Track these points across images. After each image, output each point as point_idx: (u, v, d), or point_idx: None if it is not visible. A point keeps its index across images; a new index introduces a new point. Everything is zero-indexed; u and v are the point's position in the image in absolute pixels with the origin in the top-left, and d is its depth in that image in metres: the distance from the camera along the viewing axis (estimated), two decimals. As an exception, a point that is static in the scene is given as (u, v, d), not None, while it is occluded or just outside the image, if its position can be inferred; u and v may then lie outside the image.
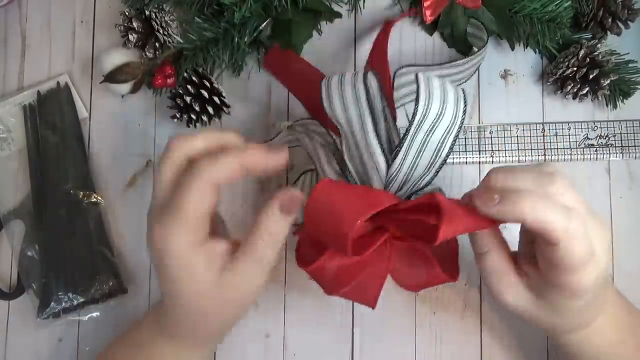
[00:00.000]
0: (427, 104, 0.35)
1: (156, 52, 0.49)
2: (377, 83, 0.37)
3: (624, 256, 0.50)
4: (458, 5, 0.49)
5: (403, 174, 0.37)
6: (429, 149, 0.37)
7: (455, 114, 0.36)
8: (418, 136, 0.36)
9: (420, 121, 0.35)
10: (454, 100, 0.36)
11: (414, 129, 0.35)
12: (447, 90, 0.36)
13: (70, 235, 0.50)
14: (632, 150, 0.50)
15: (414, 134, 0.36)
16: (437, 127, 0.36)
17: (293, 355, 0.50)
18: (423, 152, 0.37)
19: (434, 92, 0.36)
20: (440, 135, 0.36)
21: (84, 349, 0.50)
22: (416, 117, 0.35)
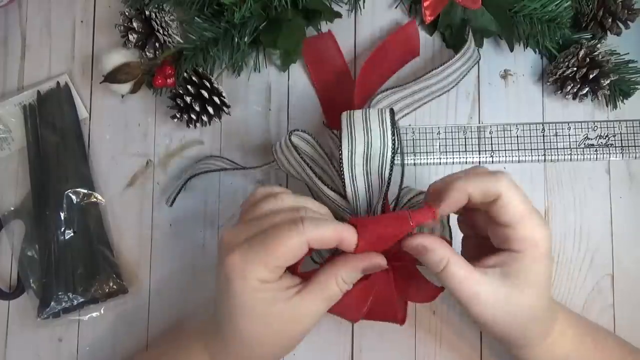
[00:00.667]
0: (350, 143, 0.41)
1: (156, 52, 0.49)
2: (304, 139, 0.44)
3: (624, 256, 0.50)
4: (458, 6, 0.49)
5: (363, 198, 0.41)
6: (373, 172, 0.41)
7: (383, 138, 0.41)
8: (356, 169, 0.41)
9: (349, 157, 0.41)
10: (378, 126, 0.41)
11: (346, 165, 0.41)
12: (370, 120, 0.41)
13: (70, 235, 0.50)
14: (632, 150, 0.50)
15: (350, 168, 0.41)
16: (371, 154, 0.41)
17: (293, 355, 0.50)
18: (370, 175, 0.41)
19: (356, 128, 0.41)
20: (377, 159, 0.41)
21: (84, 348, 0.50)
22: (343, 156, 0.41)
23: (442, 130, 0.51)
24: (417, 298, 0.44)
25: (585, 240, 0.50)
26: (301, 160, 0.43)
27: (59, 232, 0.50)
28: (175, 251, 0.51)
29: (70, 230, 0.50)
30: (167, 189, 0.52)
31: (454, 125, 0.51)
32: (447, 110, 0.52)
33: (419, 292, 0.43)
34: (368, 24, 0.53)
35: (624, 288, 0.49)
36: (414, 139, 0.51)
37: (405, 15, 0.53)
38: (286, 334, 0.36)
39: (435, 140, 0.51)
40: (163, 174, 0.52)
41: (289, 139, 0.43)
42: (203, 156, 0.52)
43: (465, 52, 0.48)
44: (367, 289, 0.40)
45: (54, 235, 0.50)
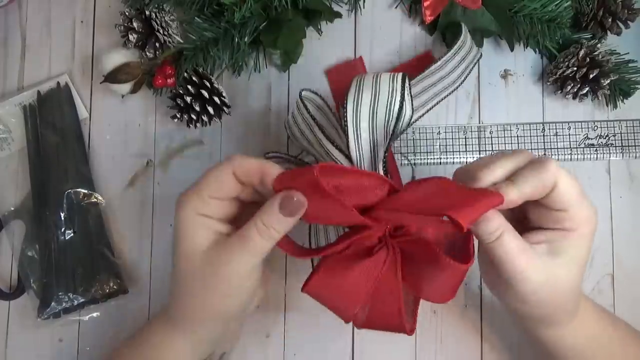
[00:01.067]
0: (356, 95, 0.39)
1: (156, 52, 0.49)
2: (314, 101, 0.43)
3: (624, 256, 0.50)
4: (458, 6, 0.49)
5: (368, 157, 0.39)
6: (379, 127, 0.39)
7: (391, 92, 0.39)
8: (362, 124, 0.38)
9: (354, 110, 0.38)
10: (387, 85, 0.39)
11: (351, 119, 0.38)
12: (380, 79, 0.40)
13: (70, 235, 0.50)
14: (632, 150, 0.50)
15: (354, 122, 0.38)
16: (378, 107, 0.38)
17: (293, 355, 0.50)
18: (376, 130, 0.39)
19: (365, 84, 0.39)
20: (383, 112, 0.39)
21: (84, 349, 0.50)
22: (347, 109, 0.38)
23: (443, 130, 0.51)
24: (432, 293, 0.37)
25: (585, 240, 0.50)
26: (310, 119, 0.42)
27: (59, 232, 0.50)
28: (176, 251, 0.51)
29: (70, 230, 0.50)
30: (167, 188, 0.52)
31: (454, 125, 0.51)
32: (447, 110, 0.52)
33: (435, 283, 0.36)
34: (368, 24, 0.53)
35: (624, 288, 0.50)
36: (414, 139, 0.51)
37: (405, 15, 0.53)
38: (211, 284, 0.36)
39: (436, 140, 0.51)
40: (163, 174, 0.52)
41: (299, 97, 0.42)
42: (203, 156, 0.52)
43: (461, 47, 0.47)
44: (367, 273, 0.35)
45: (54, 235, 0.50)
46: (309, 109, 0.42)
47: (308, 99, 0.43)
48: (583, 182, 0.50)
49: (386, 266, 0.36)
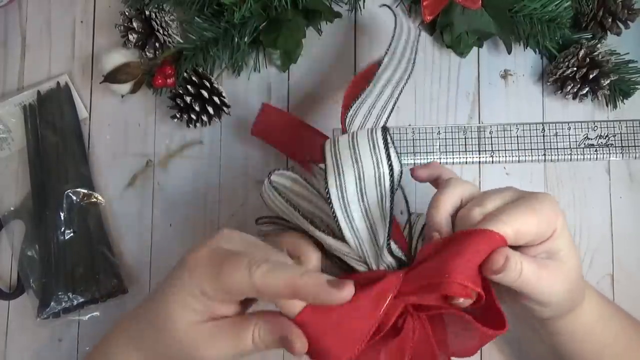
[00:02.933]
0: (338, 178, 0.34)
1: (156, 52, 0.49)
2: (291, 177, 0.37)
3: (624, 256, 0.50)
4: (457, 5, 0.49)
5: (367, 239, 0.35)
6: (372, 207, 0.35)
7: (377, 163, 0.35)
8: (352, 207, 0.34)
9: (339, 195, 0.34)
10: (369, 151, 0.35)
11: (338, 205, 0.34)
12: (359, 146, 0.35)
13: (70, 235, 0.50)
14: (632, 150, 0.50)
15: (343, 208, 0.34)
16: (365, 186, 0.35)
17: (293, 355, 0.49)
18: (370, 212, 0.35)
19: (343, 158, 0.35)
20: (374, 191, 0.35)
21: (84, 349, 0.50)
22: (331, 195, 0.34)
23: (442, 130, 0.51)
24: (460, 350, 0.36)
25: (585, 240, 0.50)
26: (287, 205, 0.37)
27: (59, 232, 0.50)
28: (175, 251, 0.51)
29: (70, 230, 0.50)
30: (167, 188, 0.52)
31: (454, 125, 0.51)
32: (447, 110, 0.52)
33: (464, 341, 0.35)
34: (368, 24, 0.53)
35: (624, 288, 0.49)
36: (414, 139, 0.51)
37: (405, 15, 0.52)
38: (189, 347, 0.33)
39: (435, 140, 0.51)
40: (163, 174, 0.52)
41: (268, 181, 0.38)
42: (203, 156, 0.52)
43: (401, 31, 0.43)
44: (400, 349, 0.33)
45: (54, 235, 0.50)
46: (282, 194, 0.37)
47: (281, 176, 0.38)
48: (583, 182, 0.50)
49: (416, 337, 0.34)
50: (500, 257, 0.32)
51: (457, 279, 0.29)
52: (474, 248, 0.31)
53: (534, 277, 0.34)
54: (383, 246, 0.33)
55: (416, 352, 0.34)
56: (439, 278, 0.30)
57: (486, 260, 0.31)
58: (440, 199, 0.35)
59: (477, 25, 0.49)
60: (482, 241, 0.31)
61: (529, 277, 0.34)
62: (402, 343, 0.33)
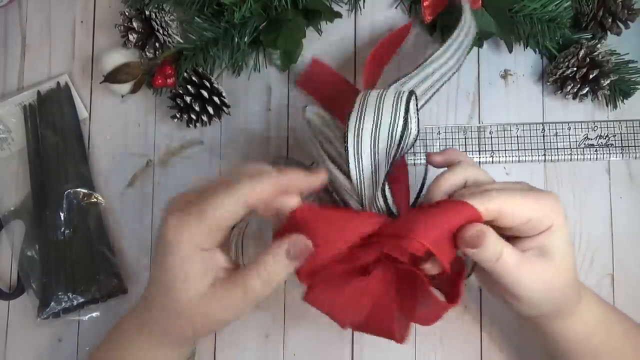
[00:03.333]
0: (358, 120, 0.37)
1: (156, 52, 0.49)
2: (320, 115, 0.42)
3: (624, 256, 0.50)
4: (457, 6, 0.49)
5: (369, 181, 0.38)
6: (381, 152, 0.38)
7: (394, 116, 0.37)
8: (363, 149, 0.37)
9: (355, 135, 0.37)
10: (391, 105, 0.38)
11: (352, 144, 0.37)
12: (385, 99, 0.38)
13: (70, 235, 0.50)
14: (632, 150, 0.50)
15: (355, 148, 0.37)
16: (380, 133, 0.37)
17: (293, 356, 0.50)
18: (378, 156, 0.38)
19: (368, 105, 0.38)
20: (385, 138, 0.38)
21: (84, 349, 0.50)
22: (348, 134, 0.37)
23: (442, 130, 0.51)
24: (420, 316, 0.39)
25: (585, 240, 0.50)
26: (313, 138, 0.41)
27: (59, 232, 0.50)
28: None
29: (70, 230, 0.50)
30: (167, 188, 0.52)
31: (454, 125, 0.51)
32: (447, 110, 0.52)
33: (424, 308, 0.38)
34: (368, 24, 0.53)
35: (624, 288, 0.49)
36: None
37: (405, 15, 0.53)
38: (201, 316, 0.34)
39: (436, 140, 0.51)
40: (163, 174, 0.52)
41: (303, 115, 0.42)
42: (203, 156, 0.52)
43: (463, 26, 0.46)
44: (364, 289, 0.36)
45: (54, 235, 0.50)
46: (312, 126, 0.41)
47: (314, 114, 0.43)
48: (583, 182, 0.50)
49: (381, 284, 0.36)
50: (472, 229, 0.33)
51: (417, 237, 0.31)
52: (445, 215, 0.33)
53: (514, 267, 0.34)
54: (379, 187, 0.37)
55: (378, 299, 0.36)
56: (404, 232, 0.33)
57: (459, 231, 0.33)
58: (443, 177, 0.36)
59: (477, 25, 0.49)
60: (455, 211, 0.33)
61: (508, 265, 0.34)
62: (367, 284, 0.35)
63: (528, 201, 0.34)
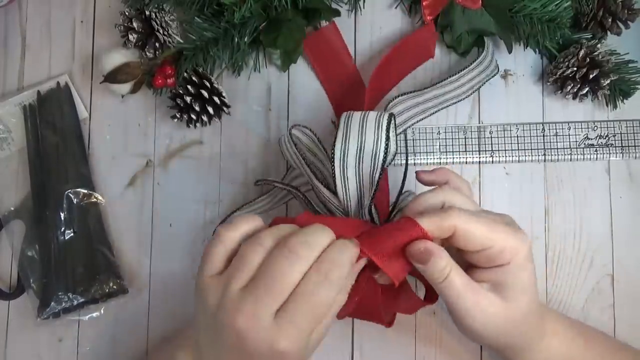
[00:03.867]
0: (344, 142, 0.40)
1: (156, 52, 0.49)
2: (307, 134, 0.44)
3: (624, 256, 0.50)
4: (457, 5, 0.49)
5: (354, 198, 0.41)
6: (365, 174, 0.40)
7: (377, 140, 0.40)
8: (349, 170, 0.40)
9: (341, 157, 0.40)
10: (374, 129, 0.40)
11: (338, 164, 0.40)
12: (367, 122, 0.41)
13: (70, 235, 0.50)
14: (632, 150, 0.50)
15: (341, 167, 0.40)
16: (364, 156, 0.40)
17: (293, 355, 0.50)
18: (362, 176, 0.40)
19: (352, 128, 0.41)
20: (369, 161, 0.40)
21: (84, 349, 0.50)
22: (335, 155, 0.40)
23: (442, 130, 0.51)
24: (402, 308, 0.44)
25: (585, 240, 0.50)
26: (299, 155, 0.44)
27: (59, 232, 0.50)
28: (175, 251, 0.51)
29: (70, 230, 0.50)
30: (167, 188, 0.52)
31: (454, 125, 0.51)
32: (447, 110, 0.51)
33: (404, 303, 0.43)
34: (368, 24, 0.53)
35: (624, 288, 0.49)
36: (414, 139, 0.51)
37: (405, 15, 0.53)
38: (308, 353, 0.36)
39: (435, 140, 0.51)
40: (163, 174, 0.52)
41: (289, 134, 0.44)
42: (203, 156, 0.52)
43: (482, 61, 0.48)
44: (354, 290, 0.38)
45: (54, 235, 0.50)
46: (297, 144, 0.44)
47: (300, 132, 0.44)
48: (583, 182, 0.50)
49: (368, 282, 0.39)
50: (418, 245, 0.34)
51: (368, 251, 0.35)
52: (397, 231, 0.36)
53: (461, 291, 0.35)
54: (365, 206, 0.40)
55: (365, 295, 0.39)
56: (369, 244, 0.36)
57: (408, 246, 0.35)
58: (422, 196, 0.37)
59: (477, 25, 0.49)
60: (405, 228, 0.35)
61: (454, 288, 0.35)
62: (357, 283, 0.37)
63: (486, 229, 0.35)
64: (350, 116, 0.41)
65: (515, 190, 0.51)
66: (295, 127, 0.44)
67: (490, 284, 0.36)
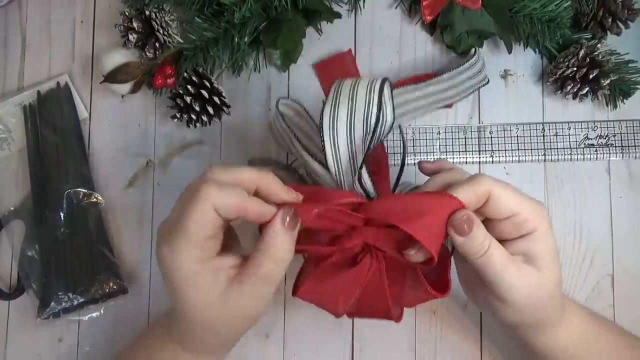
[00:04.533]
0: (333, 108, 0.37)
1: (156, 52, 0.49)
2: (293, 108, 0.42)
3: (624, 256, 0.50)
4: (457, 5, 0.49)
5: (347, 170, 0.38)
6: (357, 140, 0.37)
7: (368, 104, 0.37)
8: (339, 138, 0.37)
9: (330, 124, 0.37)
10: (365, 93, 0.38)
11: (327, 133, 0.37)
12: (358, 87, 0.38)
13: (70, 235, 0.50)
14: (632, 150, 0.50)
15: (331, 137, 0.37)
16: (355, 121, 0.37)
17: (293, 355, 0.50)
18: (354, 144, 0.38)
19: (342, 94, 0.38)
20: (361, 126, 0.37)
21: (84, 349, 0.50)
22: (324, 123, 0.37)
23: (442, 130, 0.51)
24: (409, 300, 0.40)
25: (585, 240, 0.50)
26: (288, 130, 0.42)
27: (59, 232, 0.50)
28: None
29: (70, 230, 0.50)
30: (167, 188, 0.52)
31: (454, 125, 0.51)
32: (447, 110, 0.52)
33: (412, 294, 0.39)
34: (368, 24, 0.53)
35: (624, 288, 0.50)
36: (414, 139, 0.51)
37: (405, 15, 0.53)
38: (234, 316, 0.35)
39: (436, 140, 0.51)
40: (163, 174, 0.52)
41: (276, 107, 0.42)
42: (203, 156, 0.52)
43: (472, 67, 0.48)
44: (353, 279, 0.36)
45: (54, 235, 0.50)
46: (286, 119, 0.42)
47: (287, 106, 0.43)
48: (583, 182, 0.50)
49: (371, 273, 0.37)
50: (461, 213, 0.33)
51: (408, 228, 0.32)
52: (431, 204, 0.34)
53: (500, 264, 0.34)
54: (356, 171, 0.37)
55: (369, 287, 0.37)
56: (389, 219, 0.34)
57: (450, 216, 0.34)
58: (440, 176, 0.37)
59: (477, 25, 0.49)
60: (440, 201, 0.33)
61: (494, 261, 0.34)
62: (358, 274, 0.36)
63: (515, 195, 0.35)
64: (341, 83, 0.39)
65: (515, 190, 0.51)
66: (281, 100, 0.43)
67: (523, 257, 0.35)
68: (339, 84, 0.39)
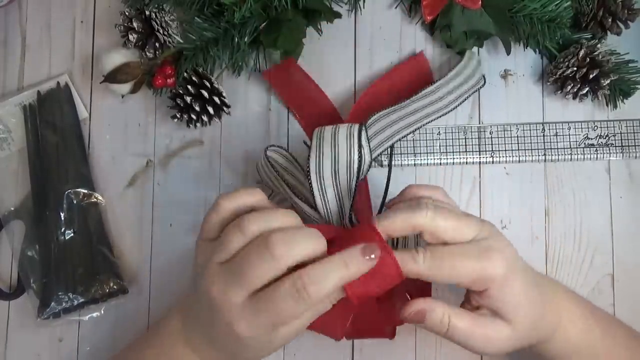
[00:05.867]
0: (317, 156, 0.41)
1: (156, 52, 0.49)
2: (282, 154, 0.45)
3: (624, 256, 0.50)
4: (457, 5, 0.49)
5: (335, 209, 0.42)
6: (342, 184, 0.41)
7: (350, 151, 0.41)
8: (325, 182, 0.41)
9: (317, 170, 0.41)
10: (346, 140, 0.41)
11: (314, 178, 0.41)
12: (339, 135, 0.42)
13: (70, 235, 0.50)
14: (632, 150, 0.50)
15: (318, 181, 0.41)
16: (339, 168, 0.41)
17: (293, 356, 0.50)
18: (340, 187, 0.41)
19: (324, 143, 0.42)
20: (345, 172, 0.41)
21: (84, 349, 0.50)
22: (310, 169, 0.41)
23: (442, 131, 0.51)
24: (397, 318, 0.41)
25: (585, 240, 0.50)
26: (277, 175, 0.44)
27: (59, 232, 0.50)
28: (176, 251, 0.51)
29: (70, 230, 0.50)
30: (167, 188, 0.52)
31: (454, 125, 0.51)
32: (447, 110, 0.52)
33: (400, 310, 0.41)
34: (368, 24, 0.53)
35: (624, 288, 0.50)
36: (414, 139, 0.51)
37: (405, 15, 0.53)
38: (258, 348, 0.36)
39: (436, 141, 0.51)
40: (163, 174, 0.52)
41: (265, 154, 0.44)
42: (203, 156, 0.52)
43: (460, 73, 0.48)
44: (347, 305, 0.37)
45: (54, 235, 0.50)
46: (274, 164, 0.44)
47: (276, 152, 0.45)
48: (583, 182, 0.50)
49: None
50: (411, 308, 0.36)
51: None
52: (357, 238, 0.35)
53: (464, 334, 0.35)
54: (346, 215, 0.41)
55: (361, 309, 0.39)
56: None
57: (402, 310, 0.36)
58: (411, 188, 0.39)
59: (476, 25, 0.49)
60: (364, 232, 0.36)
61: (458, 333, 0.35)
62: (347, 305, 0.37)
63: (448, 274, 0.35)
64: (321, 131, 0.42)
65: (515, 190, 0.51)
66: (270, 148, 0.45)
67: (488, 311, 0.36)
68: (320, 132, 0.42)
